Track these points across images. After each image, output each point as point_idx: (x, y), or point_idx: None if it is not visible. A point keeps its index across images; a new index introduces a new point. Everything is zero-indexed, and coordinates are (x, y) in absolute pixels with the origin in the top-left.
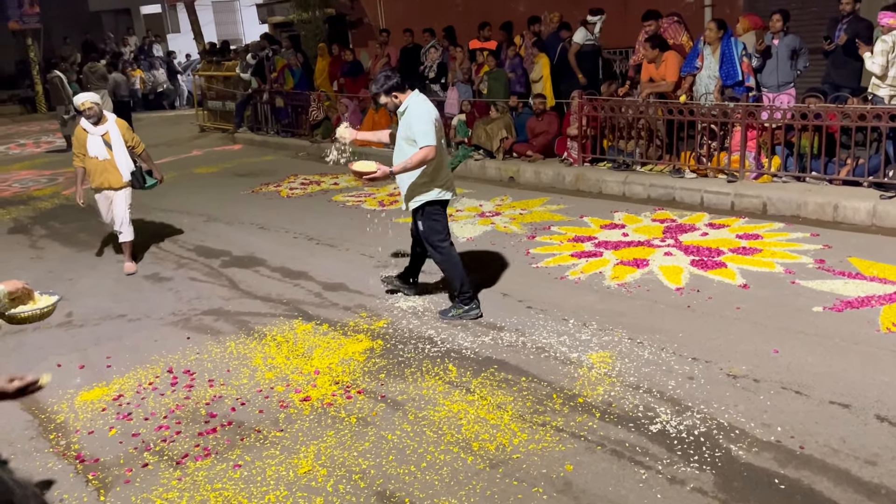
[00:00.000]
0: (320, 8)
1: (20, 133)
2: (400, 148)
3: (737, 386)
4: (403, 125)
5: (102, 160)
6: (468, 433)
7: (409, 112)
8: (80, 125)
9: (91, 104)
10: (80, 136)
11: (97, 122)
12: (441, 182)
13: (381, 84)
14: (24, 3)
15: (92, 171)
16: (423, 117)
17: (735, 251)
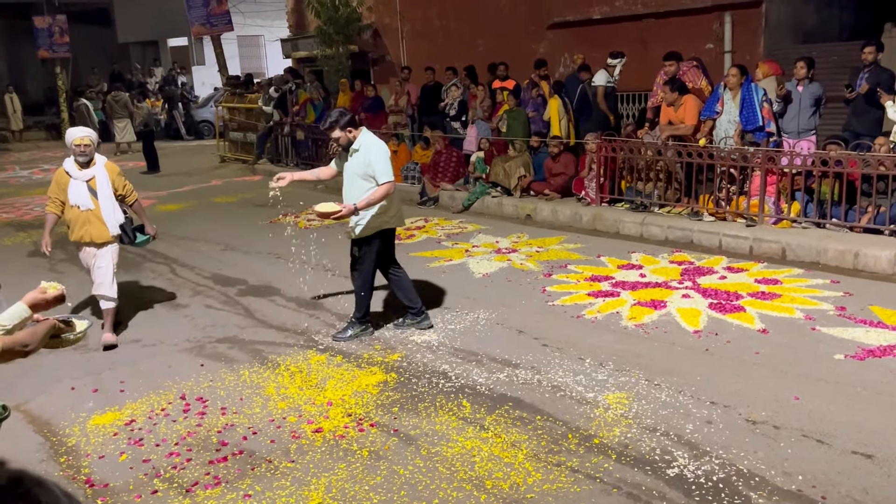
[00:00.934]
0: (344, 44)
1: (44, 158)
2: (353, 182)
3: (756, 432)
4: (359, 162)
5: (85, 210)
6: (481, 471)
7: (367, 149)
8: (63, 167)
9: (88, 141)
10: (61, 179)
11: (87, 164)
12: (394, 212)
13: (336, 119)
14: (54, 32)
15: (72, 221)
16: (382, 155)
17: (754, 295)
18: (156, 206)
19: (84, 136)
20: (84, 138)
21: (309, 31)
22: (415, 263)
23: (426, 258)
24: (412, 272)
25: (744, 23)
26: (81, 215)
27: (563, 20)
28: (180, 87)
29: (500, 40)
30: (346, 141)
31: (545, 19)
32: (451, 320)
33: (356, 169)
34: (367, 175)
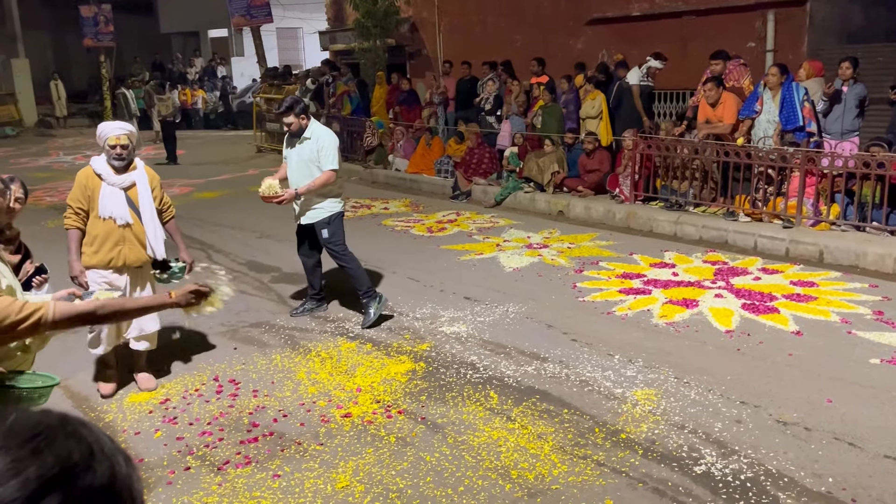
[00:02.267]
0: (381, 38)
1: (87, 145)
2: (304, 169)
3: (787, 433)
4: (311, 149)
5: (122, 225)
6: (507, 461)
7: (319, 137)
8: (91, 167)
9: (126, 141)
10: (90, 183)
11: (125, 169)
12: (342, 196)
13: (291, 105)
14: (99, 21)
15: (99, 239)
16: (334, 144)
17: (788, 297)
18: (193, 194)
19: (121, 133)
20: (121, 136)
21: (347, 23)
22: (446, 256)
23: (457, 251)
24: (443, 264)
25: (787, 21)
26: (115, 232)
27: (602, 16)
28: (223, 80)
29: (538, 36)
30: (298, 128)
31: (584, 15)
32: (480, 312)
33: (308, 156)
34: (318, 162)
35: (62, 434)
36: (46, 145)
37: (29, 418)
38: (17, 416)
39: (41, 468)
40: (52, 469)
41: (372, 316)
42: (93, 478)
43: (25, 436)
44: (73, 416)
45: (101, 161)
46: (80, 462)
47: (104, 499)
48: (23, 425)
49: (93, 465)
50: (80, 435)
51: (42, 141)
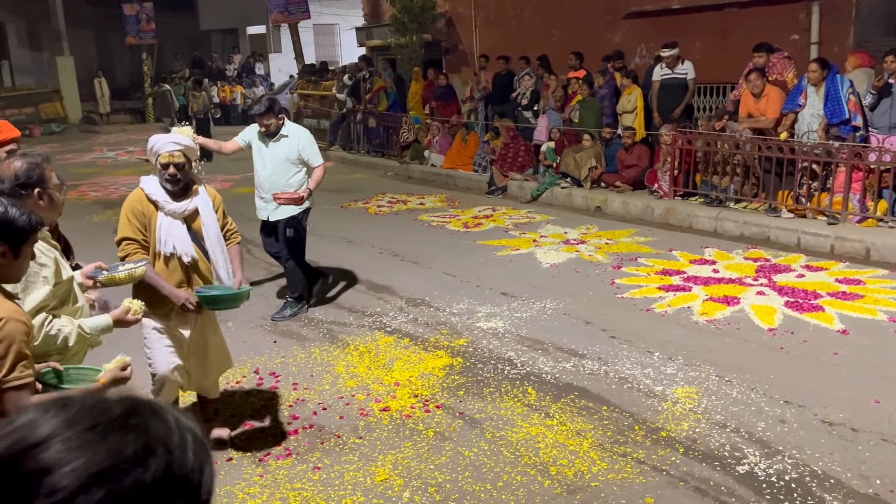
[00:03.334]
0: (417, 33)
1: (129, 141)
2: (282, 167)
3: (833, 433)
4: (289, 147)
5: (189, 262)
6: (546, 457)
7: (297, 135)
8: (143, 190)
9: (181, 158)
10: (145, 208)
11: (183, 192)
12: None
13: (270, 106)
14: (141, 19)
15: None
16: (313, 141)
17: (834, 295)
18: (232, 189)
19: (175, 149)
20: (175, 154)
21: (384, 19)
22: (482, 251)
23: (493, 246)
24: (479, 259)
25: (832, 13)
26: (177, 272)
27: (640, 10)
28: (266, 77)
29: (575, 30)
30: (276, 127)
31: (622, 9)
32: (517, 308)
33: (286, 154)
34: (298, 160)
35: (121, 427)
36: (90, 141)
37: (93, 408)
38: (82, 403)
39: (91, 461)
40: (101, 463)
41: (287, 315)
42: (143, 474)
43: (84, 426)
44: (145, 406)
45: (154, 182)
46: (131, 457)
47: (155, 494)
48: (85, 415)
49: (147, 460)
50: (142, 428)
51: (86, 137)
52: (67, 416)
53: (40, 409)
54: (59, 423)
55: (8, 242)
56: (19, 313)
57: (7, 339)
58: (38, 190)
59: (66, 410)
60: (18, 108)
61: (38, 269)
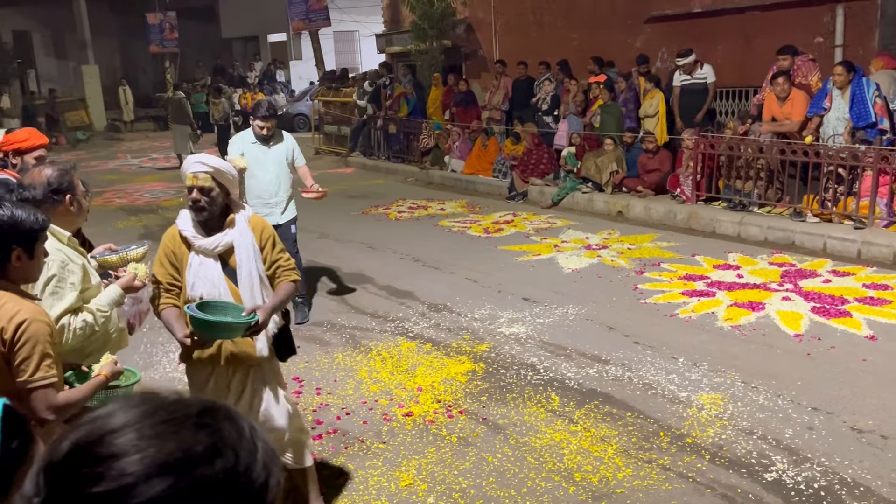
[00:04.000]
0: (437, 39)
1: (152, 148)
2: (282, 168)
3: (862, 441)
4: (285, 150)
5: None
6: (570, 463)
7: (287, 139)
8: (178, 227)
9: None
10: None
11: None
12: None
13: (275, 110)
14: (164, 28)
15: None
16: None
17: (861, 301)
18: None
19: (200, 169)
20: (199, 175)
21: (403, 26)
22: (503, 257)
23: (514, 252)
24: (500, 264)
25: (857, 15)
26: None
27: (661, 13)
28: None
29: (596, 34)
30: (271, 131)
31: (643, 13)
32: (539, 314)
33: (284, 156)
34: (290, 162)
35: (194, 424)
36: (115, 149)
37: (172, 404)
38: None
39: (160, 451)
40: (171, 454)
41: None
42: (209, 471)
43: (160, 418)
44: (221, 410)
45: (187, 217)
46: (201, 453)
47: (218, 493)
48: (163, 409)
49: (214, 459)
50: (215, 429)
51: (111, 144)
52: (145, 409)
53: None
54: (136, 414)
55: (21, 245)
56: (41, 314)
57: (32, 340)
58: (69, 196)
59: (145, 403)
60: (45, 117)
61: (67, 276)
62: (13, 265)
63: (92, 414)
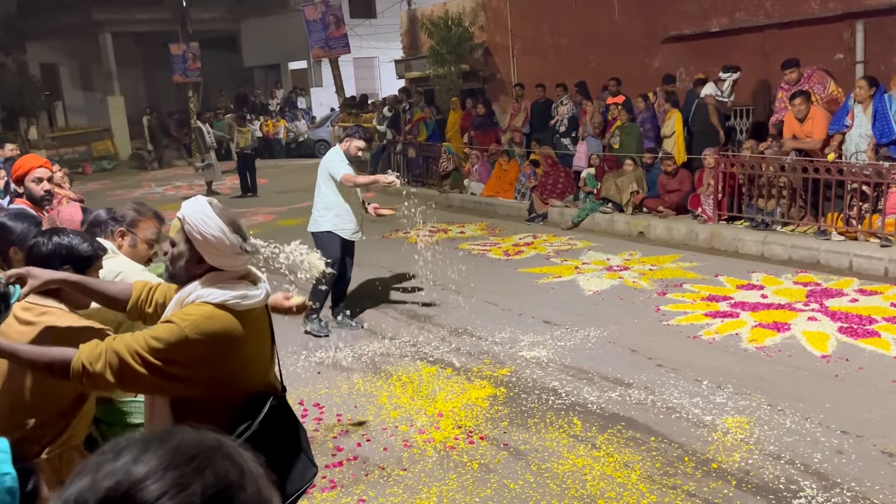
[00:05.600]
0: (455, 64)
1: (176, 176)
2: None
3: (893, 465)
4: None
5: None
6: (593, 489)
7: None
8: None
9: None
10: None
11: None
12: None
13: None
14: (188, 58)
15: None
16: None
17: (889, 320)
18: (276, 221)
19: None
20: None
21: (422, 51)
22: (523, 279)
23: (535, 274)
24: (521, 287)
25: (878, 31)
26: None
27: (679, 34)
28: (308, 112)
29: (613, 55)
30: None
31: (660, 33)
32: (560, 337)
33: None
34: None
35: (220, 455)
36: (140, 178)
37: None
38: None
39: (204, 485)
40: (213, 486)
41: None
42: (245, 497)
43: (190, 454)
44: (227, 439)
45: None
46: (235, 481)
47: None
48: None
49: (245, 484)
50: (235, 456)
51: (136, 173)
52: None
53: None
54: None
55: (73, 267)
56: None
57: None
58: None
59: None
60: (72, 147)
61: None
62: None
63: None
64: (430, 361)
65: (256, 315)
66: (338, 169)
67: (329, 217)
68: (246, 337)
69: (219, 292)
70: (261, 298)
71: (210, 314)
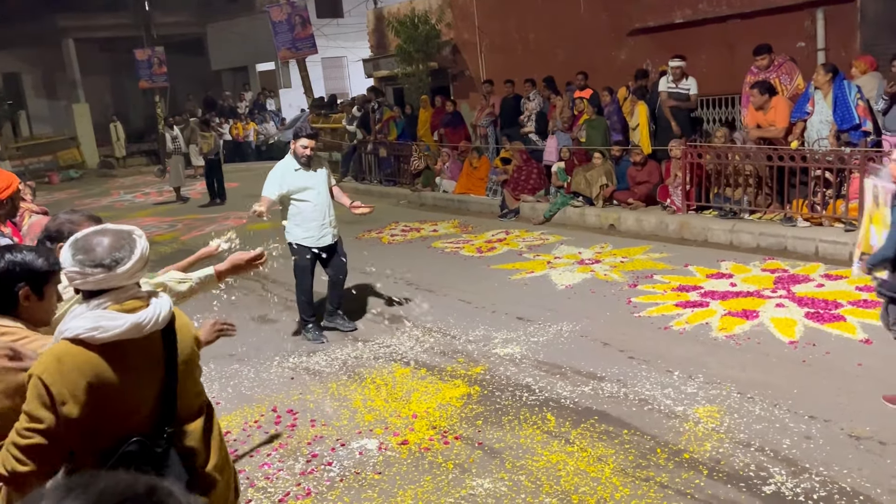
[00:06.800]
0: (424, 62)
1: (145, 183)
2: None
3: (860, 448)
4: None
5: None
6: (567, 485)
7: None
8: None
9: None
10: None
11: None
12: None
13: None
14: (153, 63)
15: None
16: None
17: (855, 304)
18: (247, 226)
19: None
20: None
21: (389, 50)
22: (496, 276)
23: (507, 270)
24: (494, 284)
25: (837, 19)
26: None
27: (644, 26)
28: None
29: (580, 49)
30: (314, 151)
31: (626, 26)
32: (533, 333)
33: (327, 177)
34: (329, 183)
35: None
36: (108, 185)
37: (118, 484)
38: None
39: None
40: None
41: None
42: None
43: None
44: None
45: None
46: None
47: None
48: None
49: None
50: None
51: (104, 181)
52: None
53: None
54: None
55: (29, 284)
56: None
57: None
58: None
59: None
60: (37, 157)
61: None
62: (22, 304)
63: None
64: (403, 363)
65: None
66: (264, 188)
67: (289, 227)
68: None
69: (75, 324)
70: (124, 329)
71: (60, 354)
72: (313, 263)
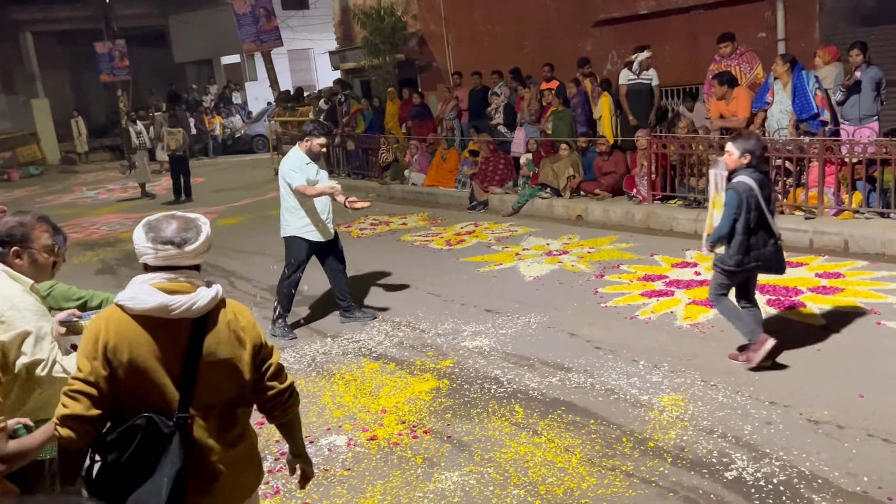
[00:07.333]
0: (390, 54)
1: (109, 179)
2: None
3: (819, 432)
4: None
5: None
6: (535, 476)
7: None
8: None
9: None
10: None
11: None
12: None
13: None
14: (114, 57)
15: None
16: None
17: (814, 290)
18: (216, 221)
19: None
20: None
21: (356, 42)
22: (465, 268)
23: (476, 263)
24: (463, 277)
25: (797, 9)
26: None
27: (609, 17)
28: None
29: (546, 40)
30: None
31: (591, 17)
32: (502, 325)
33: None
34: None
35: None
36: (70, 182)
37: None
38: None
39: None
40: None
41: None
42: None
43: None
44: None
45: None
46: None
47: None
48: None
49: None
50: None
51: (66, 178)
52: None
53: None
54: None
55: None
56: None
57: None
58: (16, 248)
59: None
60: None
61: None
62: None
63: None
64: (372, 358)
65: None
66: (292, 179)
67: (292, 221)
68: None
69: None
70: (152, 306)
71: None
72: (308, 257)
